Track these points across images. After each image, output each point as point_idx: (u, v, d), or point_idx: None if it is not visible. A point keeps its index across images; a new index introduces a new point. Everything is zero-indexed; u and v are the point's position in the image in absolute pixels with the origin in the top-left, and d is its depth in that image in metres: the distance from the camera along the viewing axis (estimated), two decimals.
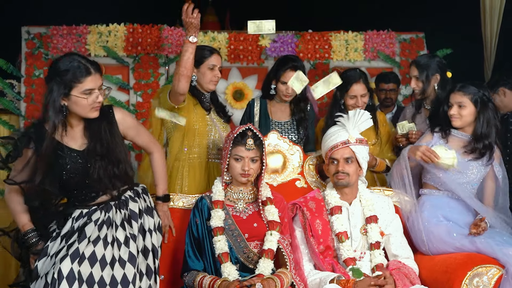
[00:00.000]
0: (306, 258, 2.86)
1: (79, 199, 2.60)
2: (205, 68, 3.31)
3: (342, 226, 2.86)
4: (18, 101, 4.89)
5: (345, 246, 2.82)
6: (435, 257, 2.93)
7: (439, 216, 3.02)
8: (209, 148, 3.35)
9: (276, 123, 3.61)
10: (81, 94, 2.47)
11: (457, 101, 3.10)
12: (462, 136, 3.14)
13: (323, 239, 2.85)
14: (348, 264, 2.79)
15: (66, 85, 2.45)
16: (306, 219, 2.88)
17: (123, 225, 2.57)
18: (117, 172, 2.61)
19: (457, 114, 3.09)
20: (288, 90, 3.50)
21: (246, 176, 2.78)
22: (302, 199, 2.98)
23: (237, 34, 5.25)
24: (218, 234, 2.72)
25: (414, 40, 5.28)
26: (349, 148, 2.91)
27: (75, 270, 2.33)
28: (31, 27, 4.96)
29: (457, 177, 3.07)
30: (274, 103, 3.66)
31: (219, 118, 3.42)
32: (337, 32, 5.28)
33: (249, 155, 2.77)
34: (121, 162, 2.63)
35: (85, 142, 2.58)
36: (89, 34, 5.01)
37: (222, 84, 5.13)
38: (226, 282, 2.54)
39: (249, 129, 2.81)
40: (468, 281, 2.67)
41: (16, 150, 2.47)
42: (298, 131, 3.59)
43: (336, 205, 2.90)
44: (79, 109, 2.51)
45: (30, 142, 2.49)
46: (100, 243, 2.45)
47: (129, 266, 2.47)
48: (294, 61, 3.56)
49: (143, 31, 5.08)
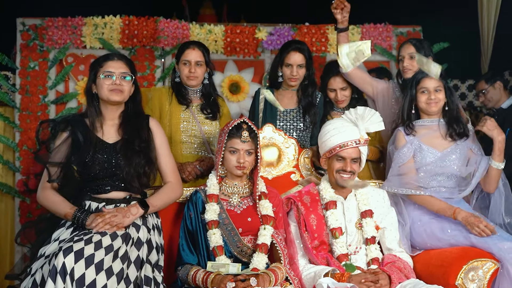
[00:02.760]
0: (301, 252, 2.85)
1: (93, 189, 2.66)
2: (181, 64, 3.37)
3: (337, 222, 2.84)
4: (13, 93, 4.87)
5: (339, 243, 2.81)
6: (430, 251, 2.93)
7: (430, 213, 3.01)
8: (188, 143, 3.35)
9: (283, 111, 3.57)
10: (102, 77, 2.68)
11: (435, 86, 3.09)
12: (431, 122, 3.13)
13: (318, 234, 2.84)
14: (341, 260, 2.78)
15: (94, 70, 2.72)
16: (301, 214, 2.87)
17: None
18: (147, 170, 2.71)
19: (436, 98, 3.09)
20: (293, 72, 3.47)
21: (241, 168, 2.77)
22: (297, 193, 2.97)
23: (233, 27, 5.22)
24: (213, 227, 2.72)
25: (411, 34, 5.27)
26: (358, 148, 2.86)
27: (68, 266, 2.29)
28: (26, 19, 4.93)
29: (439, 176, 3.06)
30: (281, 91, 3.61)
31: (202, 114, 3.41)
32: (334, 25, 5.26)
33: (244, 148, 2.77)
34: (153, 163, 2.73)
35: (118, 137, 2.71)
36: (85, 26, 4.98)
37: (218, 77, 5.11)
38: (220, 276, 2.53)
39: (244, 122, 2.81)
40: (463, 275, 2.67)
41: (53, 132, 2.68)
42: (304, 118, 3.55)
43: (331, 200, 2.89)
44: (101, 92, 2.69)
45: (68, 126, 2.69)
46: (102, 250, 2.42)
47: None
48: (297, 43, 3.57)
49: (139, 23, 5.05)
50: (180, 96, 3.39)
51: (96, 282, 2.31)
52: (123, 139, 2.71)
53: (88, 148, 2.64)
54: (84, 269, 2.31)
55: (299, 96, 3.57)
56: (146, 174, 2.72)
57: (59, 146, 2.66)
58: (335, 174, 2.87)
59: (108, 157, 2.66)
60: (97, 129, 2.70)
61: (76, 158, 2.61)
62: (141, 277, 2.50)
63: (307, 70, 3.50)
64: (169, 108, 3.37)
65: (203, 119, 3.40)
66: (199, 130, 3.36)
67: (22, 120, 4.80)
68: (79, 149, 2.63)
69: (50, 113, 4.85)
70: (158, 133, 2.82)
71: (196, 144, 3.38)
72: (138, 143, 2.71)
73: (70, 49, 4.94)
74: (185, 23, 5.17)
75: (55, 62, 4.90)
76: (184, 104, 3.38)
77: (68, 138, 2.67)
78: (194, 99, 3.43)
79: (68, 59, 4.96)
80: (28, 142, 4.76)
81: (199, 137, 3.36)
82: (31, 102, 4.81)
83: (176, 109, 3.37)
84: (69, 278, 2.27)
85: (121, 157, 2.66)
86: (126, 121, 2.76)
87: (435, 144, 3.10)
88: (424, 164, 3.06)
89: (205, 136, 3.38)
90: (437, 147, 3.09)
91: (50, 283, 2.27)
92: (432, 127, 3.13)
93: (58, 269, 2.27)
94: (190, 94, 3.42)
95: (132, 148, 2.69)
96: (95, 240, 2.40)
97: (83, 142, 2.64)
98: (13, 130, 4.82)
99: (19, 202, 4.73)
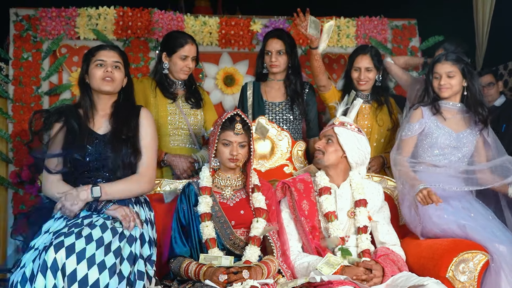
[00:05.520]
0: (294, 238, 2.86)
1: (84, 181, 2.63)
2: (177, 58, 3.31)
3: (331, 206, 2.86)
4: (6, 83, 4.83)
5: (335, 225, 2.83)
6: (422, 243, 2.94)
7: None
8: (175, 135, 3.34)
9: (271, 104, 3.56)
10: (94, 66, 2.69)
11: (446, 71, 3.10)
12: (454, 106, 3.15)
13: (310, 219, 2.86)
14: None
15: (87, 61, 2.72)
16: (294, 199, 2.88)
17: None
18: (133, 161, 2.68)
19: (447, 84, 3.09)
20: (272, 58, 3.46)
21: (234, 161, 2.77)
22: (291, 179, 2.99)
23: (228, 19, 5.19)
24: (206, 219, 2.72)
25: (406, 27, 5.26)
26: (332, 129, 2.93)
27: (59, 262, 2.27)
28: (19, 9, 4.88)
29: (453, 153, 3.08)
30: (268, 83, 3.60)
31: (188, 104, 3.39)
32: (329, 17, 5.24)
33: (237, 140, 2.77)
34: (139, 153, 2.70)
35: (108, 127, 2.70)
36: (79, 17, 4.94)
37: (213, 69, 5.09)
38: (212, 269, 2.53)
39: (237, 114, 2.80)
40: (454, 267, 2.68)
41: (47, 122, 2.67)
42: (292, 110, 3.55)
43: (325, 186, 2.91)
44: (93, 81, 2.69)
45: (62, 116, 2.68)
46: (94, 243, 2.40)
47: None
48: (276, 31, 3.57)
49: (133, 14, 5.02)
50: (165, 90, 3.36)
51: (88, 277, 2.28)
52: (112, 128, 2.70)
53: (84, 137, 2.63)
54: (75, 264, 2.28)
55: (286, 86, 3.57)
56: (132, 165, 2.69)
57: (54, 136, 2.65)
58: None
59: (98, 149, 2.65)
60: (89, 120, 2.70)
61: (75, 147, 2.61)
62: (134, 272, 2.48)
63: (289, 57, 3.49)
64: (154, 101, 3.33)
65: (189, 110, 3.39)
66: (186, 122, 3.35)
67: (15, 111, 4.78)
68: (75, 138, 2.62)
69: (43, 104, 4.82)
70: (145, 124, 2.78)
71: (183, 136, 3.37)
72: (125, 132, 2.69)
73: (63, 40, 4.90)
74: (180, 14, 5.14)
75: (49, 53, 4.87)
76: (170, 98, 3.36)
77: (63, 128, 2.67)
78: (179, 91, 3.41)
79: (62, 50, 4.92)
80: (21, 133, 4.74)
81: (185, 129, 3.36)
82: (24, 93, 4.79)
83: (162, 102, 3.34)
84: (61, 274, 2.25)
85: (109, 149, 2.65)
86: (117, 111, 2.75)
87: (451, 124, 3.13)
88: (439, 142, 3.09)
89: (192, 128, 3.37)
90: (453, 127, 3.12)
91: (41, 278, 2.24)
92: (451, 111, 3.16)
93: (48, 264, 2.25)
94: (175, 86, 3.39)
95: (119, 137, 2.67)
96: (85, 234, 2.38)
97: (78, 130, 2.64)
98: (6, 121, 4.79)
99: (12, 193, 4.71)
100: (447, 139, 3.10)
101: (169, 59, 3.35)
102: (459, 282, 2.66)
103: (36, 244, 2.45)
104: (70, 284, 2.25)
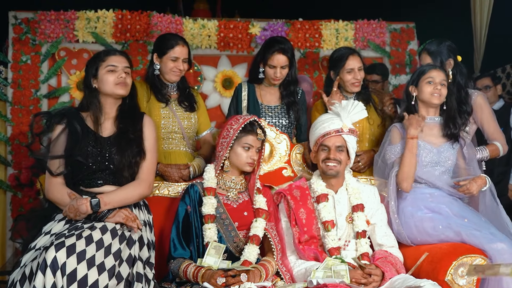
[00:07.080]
0: (290, 249, 2.86)
1: (85, 183, 2.65)
2: (167, 60, 3.29)
3: (329, 215, 2.85)
4: (5, 87, 4.85)
5: (330, 236, 2.82)
6: (420, 247, 2.93)
7: (423, 208, 3.02)
8: (168, 139, 3.34)
9: (266, 107, 3.56)
10: (106, 71, 2.70)
11: (442, 79, 3.09)
12: (432, 120, 3.15)
13: (307, 228, 2.85)
14: (332, 253, 2.79)
15: (95, 65, 2.73)
16: (291, 208, 2.87)
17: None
18: (138, 161, 2.70)
19: (440, 91, 3.09)
20: (276, 74, 3.46)
21: (252, 165, 2.80)
22: (287, 187, 2.98)
23: (227, 22, 5.21)
24: (209, 221, 2.72)
25: (404, 30, 5.28)
26: (341, 137, 2.90)
27: (59, 261, 2.28)
28: (18, 12, 4.90)
29: (435, 169, 3.08)
30: (263, 87, 3.59)
31: (181, 107, 3.39)
32: (327, 21, 5.26)
33: (257, 145, 2.80)
34: (144, 153, 2.73)
35: (113, 129, 2.72)
36: (77, 20, 4.96)
37: (212, 72, 5.10)
38: (211, 271, 2.53)
39: (255, 120, 2.83)
40: (453, 270, 2.68)
41: (48, 124, 2.68)
42: (288, 115, 3.55)
43: (323, 193, 2.90)
44: (105, 86, 2.70)
45: (63, 118, 2.68)
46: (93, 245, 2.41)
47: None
48: (281, 43, 3.49)
49: (132, 17, 5.03)
50: (158, 93, 3.34)
51: (88, 278, 2.30)
52: (118, 129, 2.72)
53: (86, 139, 2.64)
54: (75, 264, 2.30)
55: (281, 92, 3.57)
56: (137, 165, 2.71)
57: (56, 138, 2.65)
58: (322, 165, 2.90)
59: (101, 150, 2.65)
60: (96, 123, 2.71)
61: (77, 149, 2.61)
62: (133, 274, 2.49)
63: (289, 69, 3.50)
64: (147, 105, 3.30)
65: (182, 114, 3.37)
66: (179, 126, 3.34)
67: (14, 114, 4.79)
68: (78, 140, 2.63)
69: (42, 107, 4.83)
70: (147, 130, 2.80)
71: (176, 139, 3.36)
72: (132, 132, 2.72)
73: (62, 43, 4.92)
74: (179, 17, 5.16)
75: (48, 56, 4.88)
76: (163, 102, 3.35)
77: (65, 130, 2.67)
78: (172, 94, 3.41)
79: (61, 53, 4.94)
80: (20, 136, 4.74)
81: (178, 133, 3.35)
82: (23, 96, 4.79)
83: (155, 106, 3.32)
84: (60, 273, 2.26)
85: (114, 150, 2.66)
86: (123, 114, 2.77)
87: (431, 139, 3.11)
88: (421, 161, 3.07)
89: (185, 132, 3.37)
90: (433, 141, 3.11)
91: (40, 276, 2.26)
92: (429, 125, 3.14)
93: (48, 263, 2.26)
94: (168, 89, 3.39)
95: (126, 136, 2.70)
96: (86, 235, 2.39)
97: (81, 132, 2.65)
98: (5, 124, 4.80)
99: (10, 196, 4.71)
100: (427, 155, 3.08)
101: (160, 60, 3.32)
102: (458, 286, 2.66)
103: (37, 244, 2.47)
104: (70, 283, 2.26)
